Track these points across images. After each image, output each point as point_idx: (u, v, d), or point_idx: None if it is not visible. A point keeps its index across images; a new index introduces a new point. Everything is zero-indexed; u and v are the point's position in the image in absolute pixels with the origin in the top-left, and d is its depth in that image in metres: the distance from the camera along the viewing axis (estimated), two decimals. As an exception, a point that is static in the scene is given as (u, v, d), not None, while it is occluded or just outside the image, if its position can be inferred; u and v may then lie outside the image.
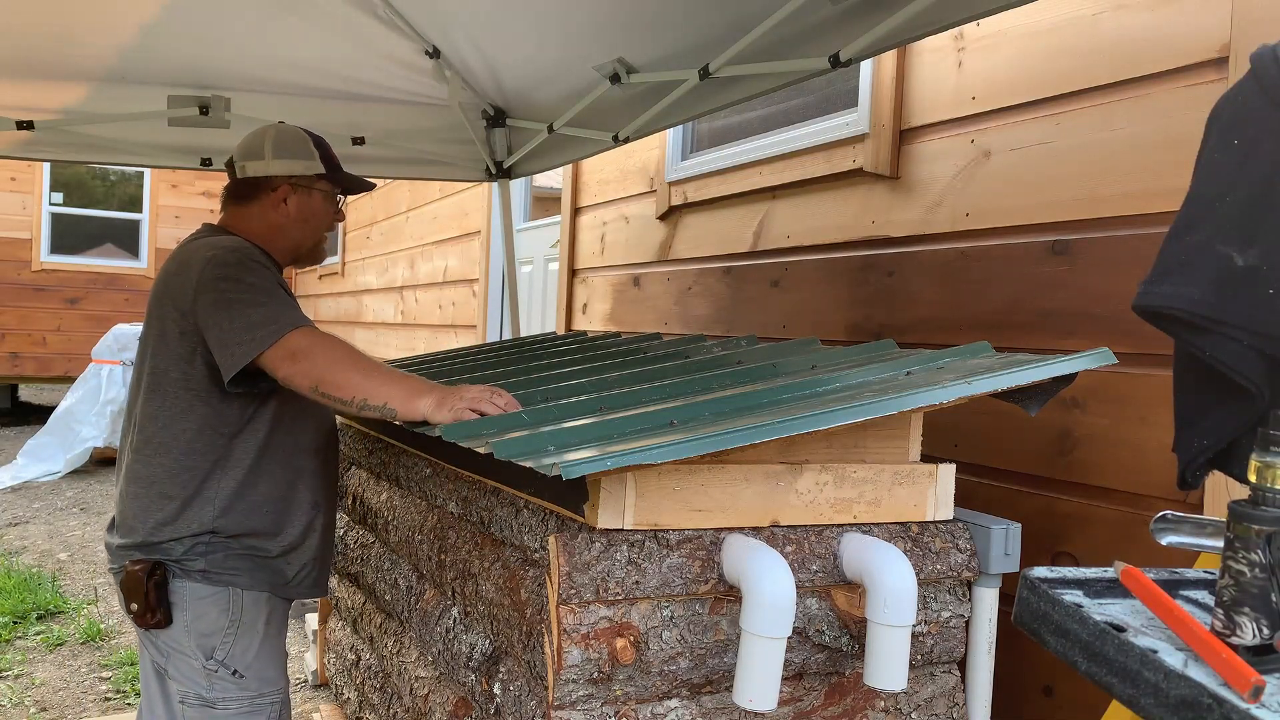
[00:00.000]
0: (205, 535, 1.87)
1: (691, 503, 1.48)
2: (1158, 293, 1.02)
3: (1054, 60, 2.09)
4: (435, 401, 1.70)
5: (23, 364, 9.85)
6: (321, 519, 2.04)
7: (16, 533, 5.78)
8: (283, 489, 1.95)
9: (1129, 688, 0.85)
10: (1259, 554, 0.85)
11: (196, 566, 1.87)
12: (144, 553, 1.87)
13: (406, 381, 1.74)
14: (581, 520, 1.49)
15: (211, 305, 1.80)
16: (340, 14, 2.78)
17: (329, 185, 2.10)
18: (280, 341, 1.74)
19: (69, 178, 10.30)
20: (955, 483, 1.71)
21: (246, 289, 1.80)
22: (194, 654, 1.88)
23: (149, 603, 1.84)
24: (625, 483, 1.44)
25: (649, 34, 2.56)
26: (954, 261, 2.31)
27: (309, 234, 2.09)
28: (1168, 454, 1.80)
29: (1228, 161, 1.01)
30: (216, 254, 1.86)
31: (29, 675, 3.71)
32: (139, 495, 1.88)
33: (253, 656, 1.92)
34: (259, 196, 2.04)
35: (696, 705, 1.51)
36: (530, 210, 5.76)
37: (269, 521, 1.93)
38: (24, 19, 2.65)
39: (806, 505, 1.57)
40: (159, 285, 1.93)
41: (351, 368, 1.73)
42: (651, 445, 1.30)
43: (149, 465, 1.88)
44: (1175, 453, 1.10)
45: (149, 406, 1.89)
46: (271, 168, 2.02)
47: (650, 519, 1.45)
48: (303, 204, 2.05)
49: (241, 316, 1.77)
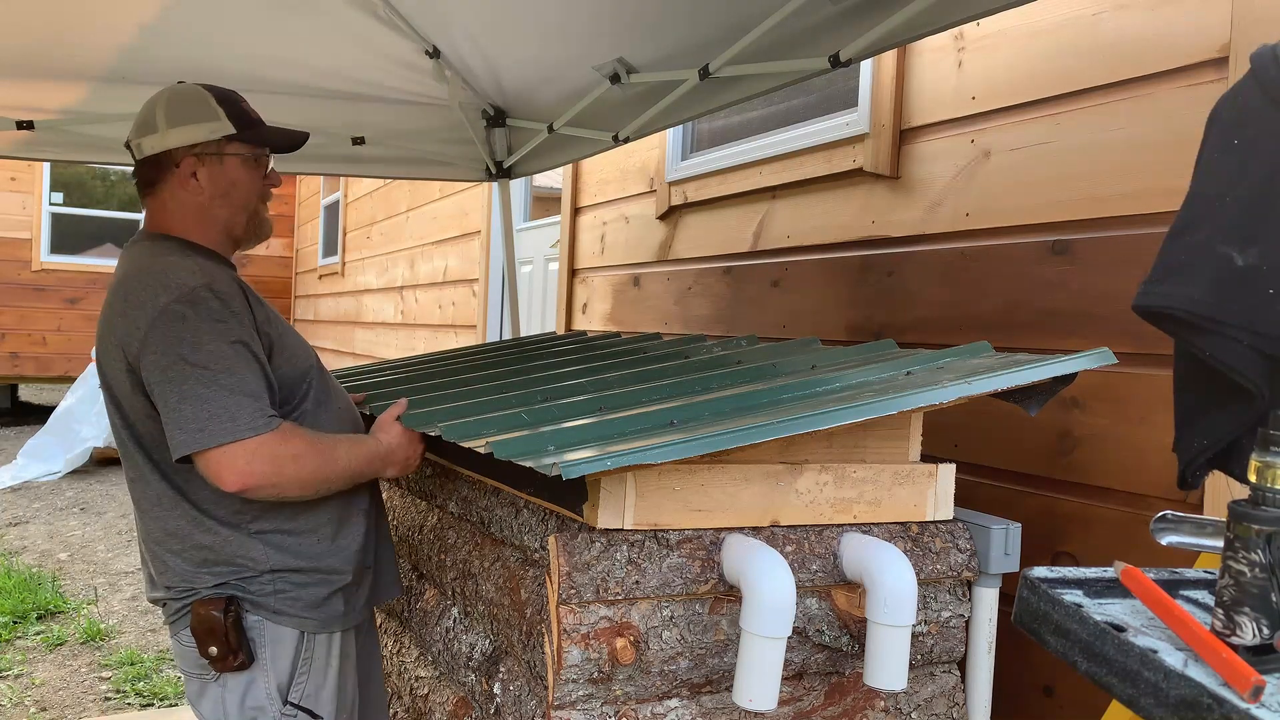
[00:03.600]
0: (266, 574, 1.68)
1: (691, 503, 1.48)
2: (1158, 293, 1.02)
3: (1054, 60, 2.09)
4: (382, 463, 1.75)
5: (23, 364, 9.85)
6: (374, 520, 1.87)
7: (16, 533, 5.78)
8: (328, 506, 1.74)
9: (1129, 688, 0.85)
10: (1259, 554, 0.85)
11: (268, 605, 1.68)
12: (212, 590, 1.66)
13: (351, 461, 1.69)
14: (581, 520, 1.49)
15: (161, 374, 1.56)
16: (340, 14, 2.78)
17: (245, 147, 1.76)
18: (227, 448, 1.53)
19: (69, 178, 10.30)
20: (955, 483, 1.71)
21: (203, 362, 1.55)
22: (270, 700, 1.69)
23: (229, 644, 1.63)
24: (625, 483, 1.44)
25: (649, 34, 2.56)
26: (954, 261, 2.31)
27: (236, 209, 1.77)
28: (1168, 454, 1.80)
29: (1228, 161, 1.01)
30: (170, 305, 1.57)
31: (29, 675, 3.71)
32: (176, 550, 1.68)
33: (327, 693, 1.75)
34: (164, 177, 1.73)
35: (696, 705, 1.51)
36: (530, 210, 5.76)
37: (323, 545, 1.73)
38: (24, 19, 2.65)
39: (806, 505, 1.57)
40: (105, 318, 1.67)
41: (306, 481, 1.61)
42: (651, 445, 1.30)
43: (165, 521, 1.67)
44: (1175, 453, 1.10)
45: (136, 459, 1.68)
46: (169, 139, 1.71)
47: (650, 519, 1.45)
48: (215, 175, 1.73)
49: (193, 404, 1.53)
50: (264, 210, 1.84)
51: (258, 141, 1.79)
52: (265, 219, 1.85)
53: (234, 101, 1.79)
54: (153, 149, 1.73)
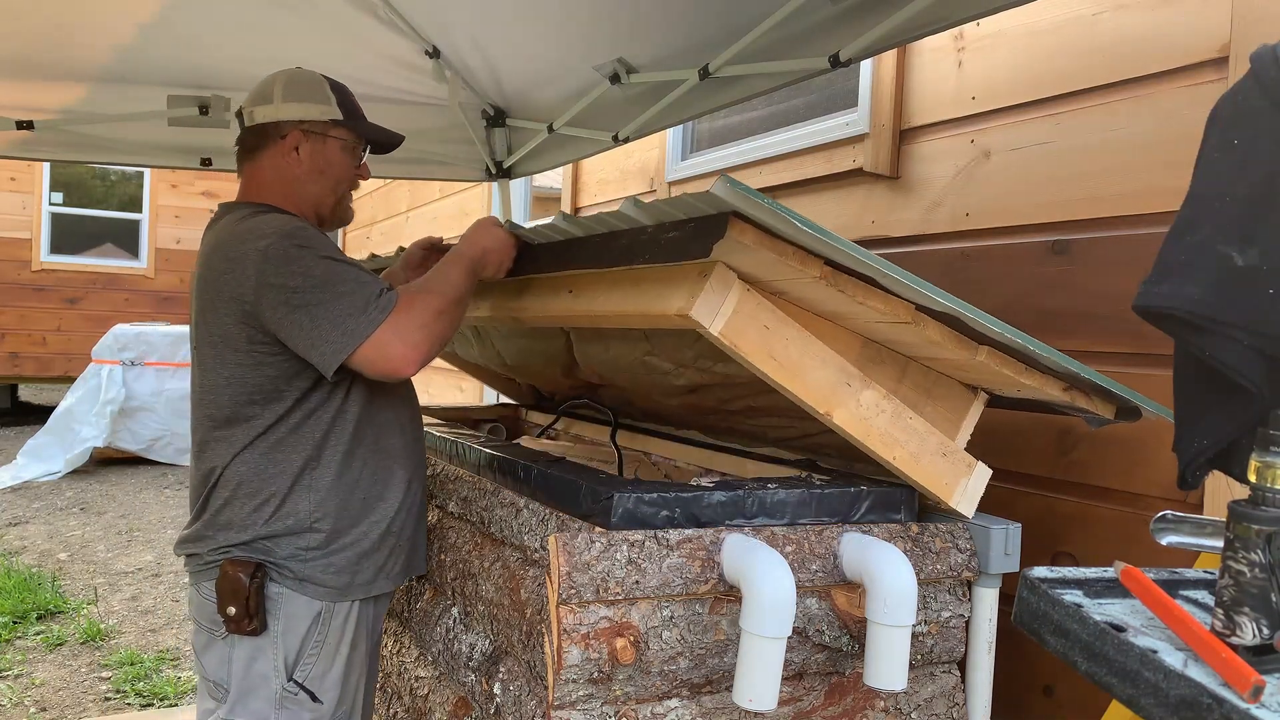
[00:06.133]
0: (304, 533, 1.74)
1: (772, 348, 1.47)
2: (1158, 293, 1.01)
3: (1054, 60, 2.09)
4: (478, 268, 1.84)
5: (23, 364, 9.85)
6: (416, 495, 1.91)
7: (16, 533, 5.78)
8: (378, 471, 1.82)
9: (1129, 688, 0.85)
10: (1259, 554, 0.85)
11: (295, 573, 1.74)
12: (245, 551, 1.73)
13: (456, 276, 1.79)
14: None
15: (284, 306, 1.66)
16: (340, 14, 2.78)
17: (347, 134, 1.90)
18: (373, 339, 1.64)
19: (69, 178, 10.30)
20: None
21: (315, 283, 1.66)
22: (275, 672, 1.74)
23: (249, 608, 1.69)
24: (730, 288, 1.42)
25: (649, 34, 2.56)
26: (954, 261, 2.31)
27: (327, 188, 1.89)
28: (1168, 454, 1.80)
29: (1228, 161, 1.01)
30: (270, 246, 1.68)
31: (29, 675, 3.71)
32: (230, 500, 1.75)
33: (332, 678, 1.78)
34: (268, 145, 1.85)
35: (696, 705, 1.51)
36: (530, 210, 5.76)
37: (366, 508, 1.80)
38: (24, 19, 2.65)
39: (861, 419, 1.56)
40: (207, 286, 1.76)
41: (434, 318, 1.70)
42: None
43: (231, 470, 1.75)
44: (1175, 453, 1.10)
45: (221, 413, 1.76)
46: (281, 112, 1.83)
47: (733, 336, 1.43)
48: (316, 153, 1.86)
49: (325, 310, 1.64)
50: (349, 199, 1.96)
51: (361, 133, 1.93)
52: (349, 206, 1.96)
53: (346, 93, 1.92)
54: (265, 118, 1.85)
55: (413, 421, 1.94)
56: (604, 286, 1.66)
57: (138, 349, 7.90)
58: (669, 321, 1.47)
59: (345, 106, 1.89)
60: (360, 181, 1.97)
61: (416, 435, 1.95)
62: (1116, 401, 1.65)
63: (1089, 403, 1.65)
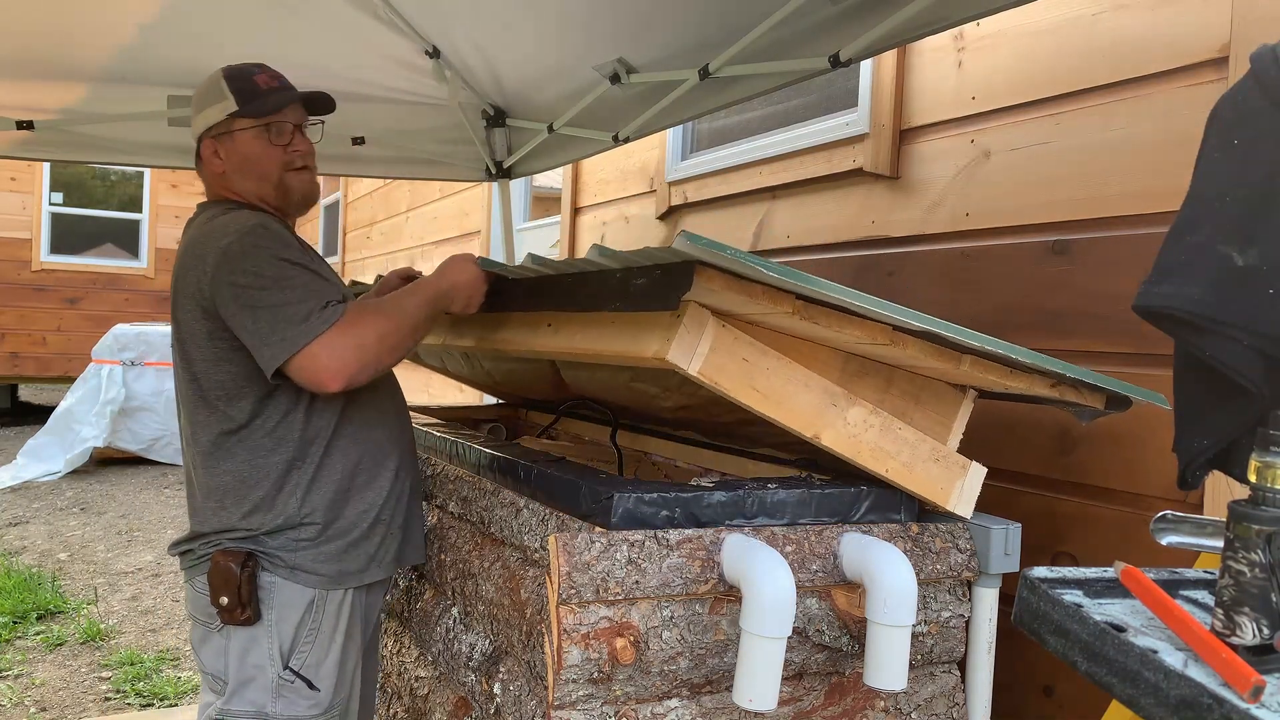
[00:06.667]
0: (295, 528, 1.75)
1: (754, 381, 1.48)
2: (1158, 293, 1.01)
3: (1054, 60, 2.09)
4: (442, 300, 1.84)
5: (23, 364, 9.85)
6: (404, 483, 1.92)
7: (16, 533, 5.78)
8: (363, 461, 1.83)
9: (1129, 688, 0.85)
10: (1259, 554, 0.85)
11: (286, 561, 1.75)
12: (235, 541, 1.75)
13: (413, 304, 1.79)
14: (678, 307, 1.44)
15: (234, 302, 1.67)
16: (340, 14, 2.78)
17: (250, 120, 1.84)
18: (307, 349, 1.63)
19: (69, 178, 10.31)
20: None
21: (265, 282, 1.66)
22: (271, 661, 1.75)
23: (241, 597, 1.70)
24: (705, 326, 1.42)
25: (649, 34, 2.56)
26: (954, 261, 2.30)
27: (261, 177, 1.85)
28: (1168, 454, 1.80)
29: (1228, 161, 1.01)
30: (230, 244, 1.70)
31: (29, 675, 3.71)
32: (217, 509, 1.77)
33: (328, 666, 1.79)
34: (200, 158, 1.89)
35: (696, 705, 1.51)
36: (530, 210, 5.76)
37: (355, 498, 1.81)
38: (24, 19, 2.65)
39: (850, 437, 1.56)
40: (176, 284, 1.79)
41: (376, 340, 1.69)
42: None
43: (217, 475, 1.76)
44: (1175, 453, 1.10)
45: (198, 415, 1.78)
46: (196, 126, 1.87)
47: (713, 374, 1.43)
48: (229, 151, 1.84)
49: (267, 314, 1.65)
50: (293, 178, 1.88)
51: (258, 113, 1.84)
52: (293, 185, 1.89)
53: (243, 76, 1.85)
54: (192, 136, 1.90)
55: (397, 410, 1.95)
56: (581, 325, 1.67)
57: (138, 349, 7.90)
58: (647, 363, 1.47)
59: (243, 94, 1.83)
60: (300, 152, 1.89)
61: (402, 423, 1.96)
62: (1104, 392, 1.65)
63: (1078, 396, 1.65)
